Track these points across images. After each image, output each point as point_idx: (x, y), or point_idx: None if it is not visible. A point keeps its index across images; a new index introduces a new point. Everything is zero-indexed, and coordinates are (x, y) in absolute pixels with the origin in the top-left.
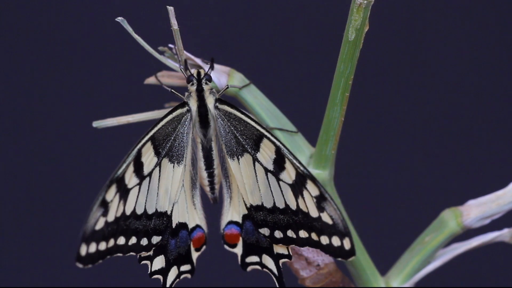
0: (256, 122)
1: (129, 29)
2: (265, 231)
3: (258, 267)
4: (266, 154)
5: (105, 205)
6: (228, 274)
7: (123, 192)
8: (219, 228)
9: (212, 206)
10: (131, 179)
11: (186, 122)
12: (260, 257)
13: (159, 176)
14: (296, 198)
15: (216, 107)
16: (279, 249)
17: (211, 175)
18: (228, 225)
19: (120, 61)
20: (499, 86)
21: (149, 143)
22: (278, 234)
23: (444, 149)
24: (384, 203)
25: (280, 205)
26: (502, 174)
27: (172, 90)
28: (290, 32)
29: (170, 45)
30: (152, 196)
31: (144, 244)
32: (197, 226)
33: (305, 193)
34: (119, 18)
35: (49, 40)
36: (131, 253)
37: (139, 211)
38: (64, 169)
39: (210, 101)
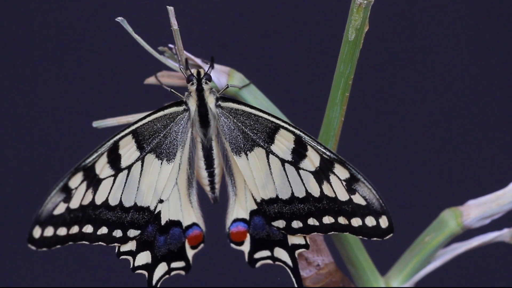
0: (269, 114)
1: (129, 29)
2: (279, 223)
3: (269, 261)
4: (283, 145)
5: (67, 192)
6: (229, 272)
7: (93, 182)
8: (221, 227)
9: (216, 206)
10: (103, 170)
11: (182, 122)
12: (272, 251)
13: (141, 171)
14: (320, 184)
15: (218, 106)
16: (294, 240)
17: (211, 175)
18: (233, 223)
19: (120, 61)
20: (499, 86)
21: (129, 137)
22: (296, 224)
23: (444, 149)
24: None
25: (300, 194)
26: (502, 174)
27: (172, 90)
28: (290, 32)
29: (170, 45)
30: (131, 189)
31: (117, 236)
32: (194, 224)
33: (332, 177)
34: (119, 18)
35: (49, 40)
36: (100, 243)
37: (113, 202)
38: (64, 169)
39: (210, 100)
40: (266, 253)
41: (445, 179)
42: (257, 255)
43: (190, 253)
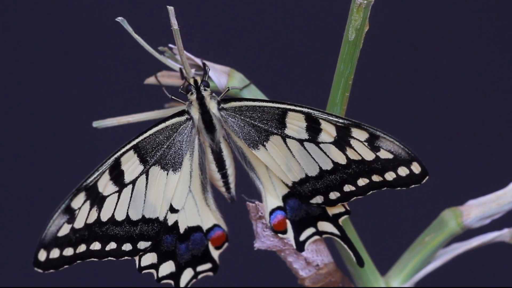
0: (273, 101)
1: (129, 29)
2: (317, 199)
3: (316, 237)
4: (295, 126)
5: (70, 212)
6: (236, 271)
7: (96, 200)
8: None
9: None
10: (106, 187)
11: (186, 131)
12: (316, 227)
13: (146, 183)
14: (344, 151)
15: (221, 109)
16: (333, 210)
17: (224, 176)
18: (271, 215)
19: (120, 61)
20: (499, 86)
21: (131, 152)
22: (333, 195)
23: (444, 149)
24: (384, 203)
25: (327, 166)
26: (502, 174)
27: (173, 97)
28: (290, 32)
29: (170, 45)
30: (137, 203)
31: (127, 249)
32: (215, 226)
33: (352, 142)
34: (119, 18)
35: (49, 40)
36: (110, 258)
37: (120, 217)
38: (64, 169)
39: (212, 106)
40: (310, 230)
41: (445, 179)
42: (302, 236)
43: (215, 253)
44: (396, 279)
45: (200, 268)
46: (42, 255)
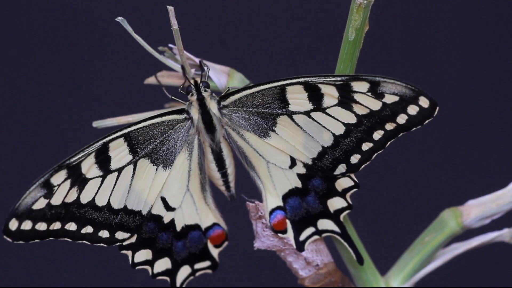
0: (268, 82)
1: (129, 29)
2: (340, 168)
3: (316, 237)
4: (298, 99)
5: (49, 188)
6: (235, 271)
7: (78, 180)
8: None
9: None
10: (90, 170)
11: (183, 130)
12: (315, 226)
13: (133, 174)
14: (351, 109)
15: (222, 107)
16: (335, 205)
17: (224, 175)
18: (271, 214)
19: (120, 61)
20: (499, 86)
21: (121, 140)
22: (354, 158)
23: (444, 149)
24: (384, 203)
25: (340, 131)
26: (502, 174)
27: (173, 97)
28: (290, 32)
29: (170, 45)
30: (121, 192)
31: (103, 236)
32: (215, 224)
33: (356, 96)
34: (119, 18)
35: (50, 40)
36: (84, 241)
37: (100, 203)
38: None
39: (213, 106)
40: (310, 230)
41: (445, 179)
42: (302, 236)
43: (214, 252)
44: (396, 279)
45: (198, 265)
46: (13, 225)
